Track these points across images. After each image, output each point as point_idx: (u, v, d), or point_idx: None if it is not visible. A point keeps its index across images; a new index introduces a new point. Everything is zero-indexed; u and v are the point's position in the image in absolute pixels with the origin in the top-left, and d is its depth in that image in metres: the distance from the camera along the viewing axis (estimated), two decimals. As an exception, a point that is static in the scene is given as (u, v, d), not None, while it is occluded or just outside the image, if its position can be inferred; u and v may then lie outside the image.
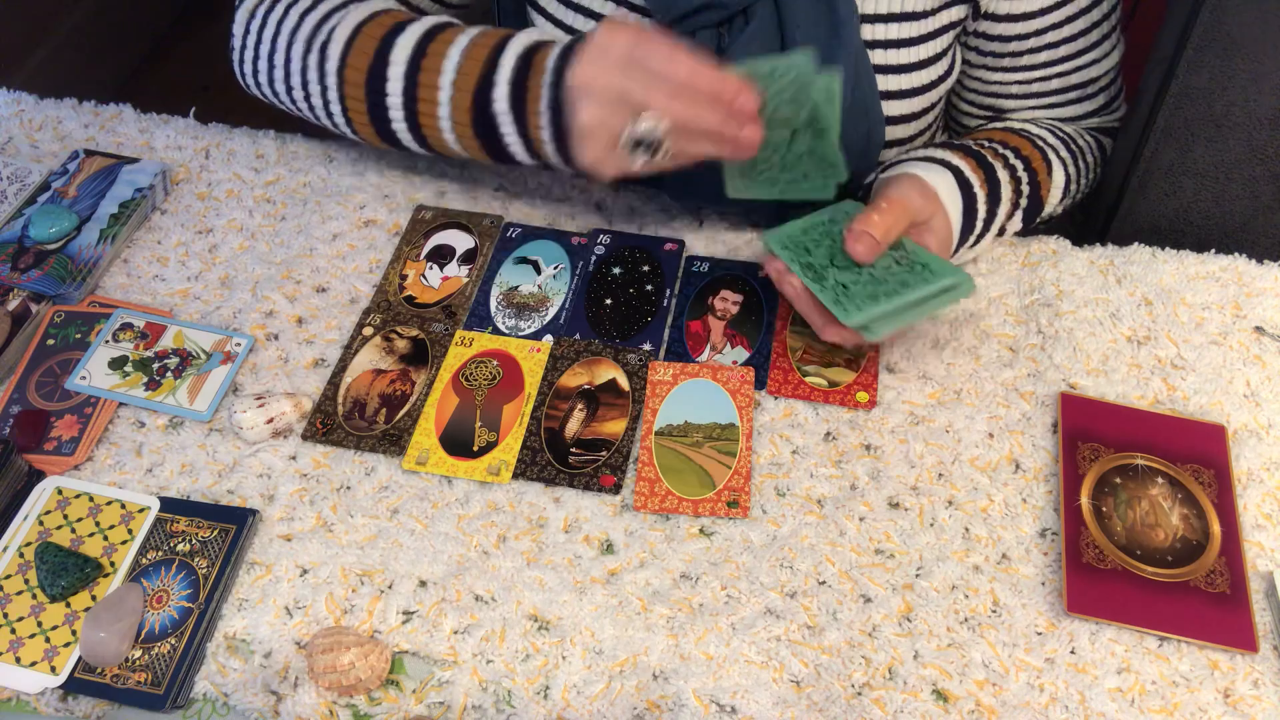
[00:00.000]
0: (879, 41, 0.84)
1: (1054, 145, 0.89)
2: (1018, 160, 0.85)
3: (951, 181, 0.80)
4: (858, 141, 0.86)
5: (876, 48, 0.84)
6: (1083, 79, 0.90)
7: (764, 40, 0.81)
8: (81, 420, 0.79)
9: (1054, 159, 0.88)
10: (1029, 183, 0.86)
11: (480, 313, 0.86)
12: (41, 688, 0.66)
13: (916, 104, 0.87)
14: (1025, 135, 0.88)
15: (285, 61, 0.85)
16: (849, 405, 0.79)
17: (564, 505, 0.74)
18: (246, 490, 0.75)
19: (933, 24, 0.85)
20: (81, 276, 0.86)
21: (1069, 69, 0.89)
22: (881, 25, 0.84)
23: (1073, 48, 0.88)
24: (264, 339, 0.84)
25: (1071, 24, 0.86)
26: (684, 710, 0.65)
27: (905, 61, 0.85)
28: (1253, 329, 0.84)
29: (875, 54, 0.84)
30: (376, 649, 0.66)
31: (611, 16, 0.81)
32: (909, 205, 0.77)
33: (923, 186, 0.78)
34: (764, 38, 0.81)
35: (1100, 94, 0.93)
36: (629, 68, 0.69)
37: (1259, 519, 0.73)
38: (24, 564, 0.71)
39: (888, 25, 0.84)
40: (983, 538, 0.73)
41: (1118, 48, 0.91)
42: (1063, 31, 0.86)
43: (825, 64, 0.81)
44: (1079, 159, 0.91)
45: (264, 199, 0.95)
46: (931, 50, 0.86)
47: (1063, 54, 0.88)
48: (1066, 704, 0.65)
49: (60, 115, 1.02)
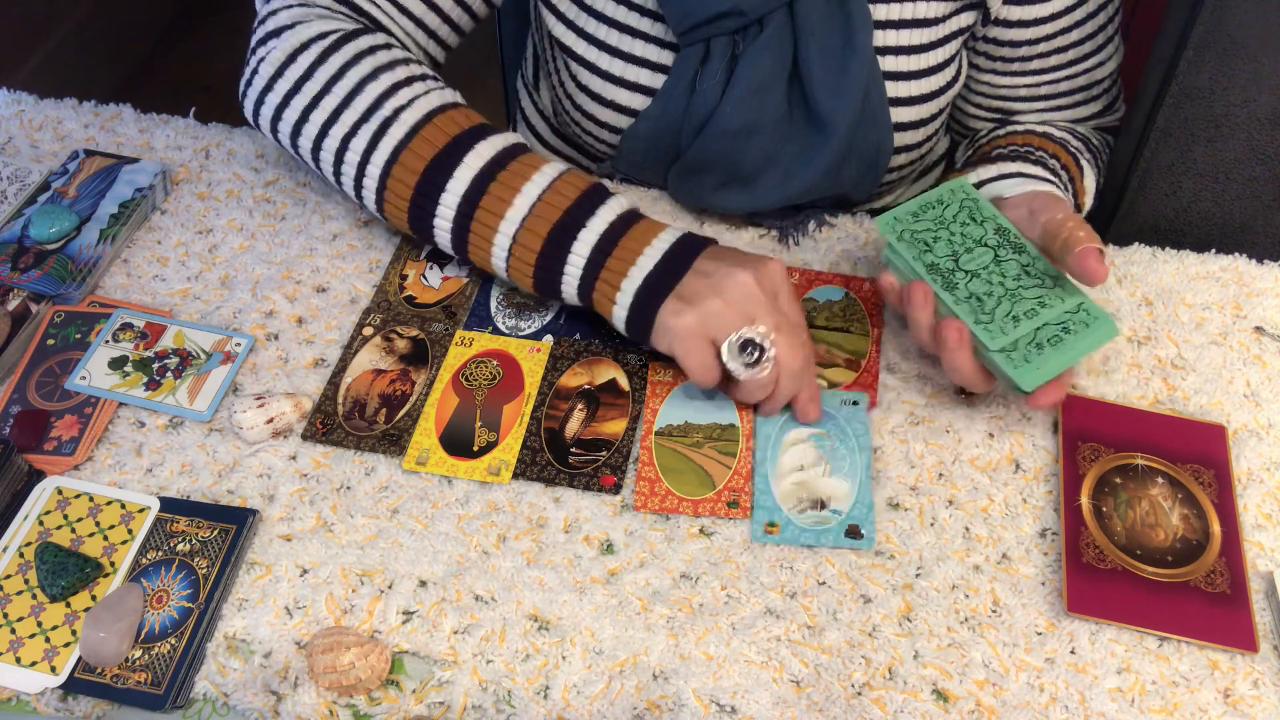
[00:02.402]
0: (889, 48, 0.84)
1: (1078, 147, 0.89)
2: (1064, 173, 0.85)
3: (1069, 202, 0.80)
4: (868, 151, 0.86)
5: (887, 54, 0.84)
6: (1088, 81, 0.90)
7: (778, 48, 0.81)
8: (81, 420, 0.79)
9: (1084, 163, 0.88)
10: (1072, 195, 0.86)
11: (480, 313, 0.86)
12: (41, 688, 0.66)
13: (925, 110, 0.87)
14: (1059, 142, 0.88)
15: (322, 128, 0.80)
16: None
17: (564, 505, 0.74)
18: (246, 490, 0.75)
19: (942, 31, 0.85)
20: (81, 276, 0.86)
21: (1076, 72, 0.89)
22: (893, 32, 0.84)
23: (1080, 51, 0.88)
24: (264, 339, 0.84)
25: (1080, 28, 0.86)
26: (684, 710, 0.65)
27: (915, 68, 0.85)
28: (1253, 329, 0.84)
29: (886, 60, 0.84)
30: (376, 649, 0.66)
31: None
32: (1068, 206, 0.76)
33: (1065, 205, 0.76)
34: (778, 45, 0.81)
35: (1104, 95, 0.93)
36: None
37: (1259, 519, 0.74)
38: (24, 564, 0.71)
39: (899, 32, 0.84)
40: (983, 538, 0.73)
41: (1118, 52, 0.91)
42: (1071, 36, 0.86)
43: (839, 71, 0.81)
44: (1099, 158, 0.91)
45: (264, 199, 0.95)
46: (940, 57, 0.86)
47: (1071, 57, 0.88)
48: (1066, 704, 0.65)
49: (60, 115, 1.02)
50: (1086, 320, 0.72)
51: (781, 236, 0.91)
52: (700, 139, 0.85)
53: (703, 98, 0.84)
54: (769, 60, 0.81)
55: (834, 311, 0.85)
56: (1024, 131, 0.90)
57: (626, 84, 0.87)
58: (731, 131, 0.84)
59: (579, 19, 0.88)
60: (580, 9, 0.88)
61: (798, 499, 0.73)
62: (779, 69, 0.82)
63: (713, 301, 0.71)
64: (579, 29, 0.88)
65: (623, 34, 0.86)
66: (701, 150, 0.86)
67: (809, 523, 0.72)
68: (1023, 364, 0.70)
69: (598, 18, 0.87)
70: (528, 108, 1.10)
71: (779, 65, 0.82)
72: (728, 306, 0.71)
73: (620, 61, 0.87)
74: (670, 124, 0.86)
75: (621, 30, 0.86)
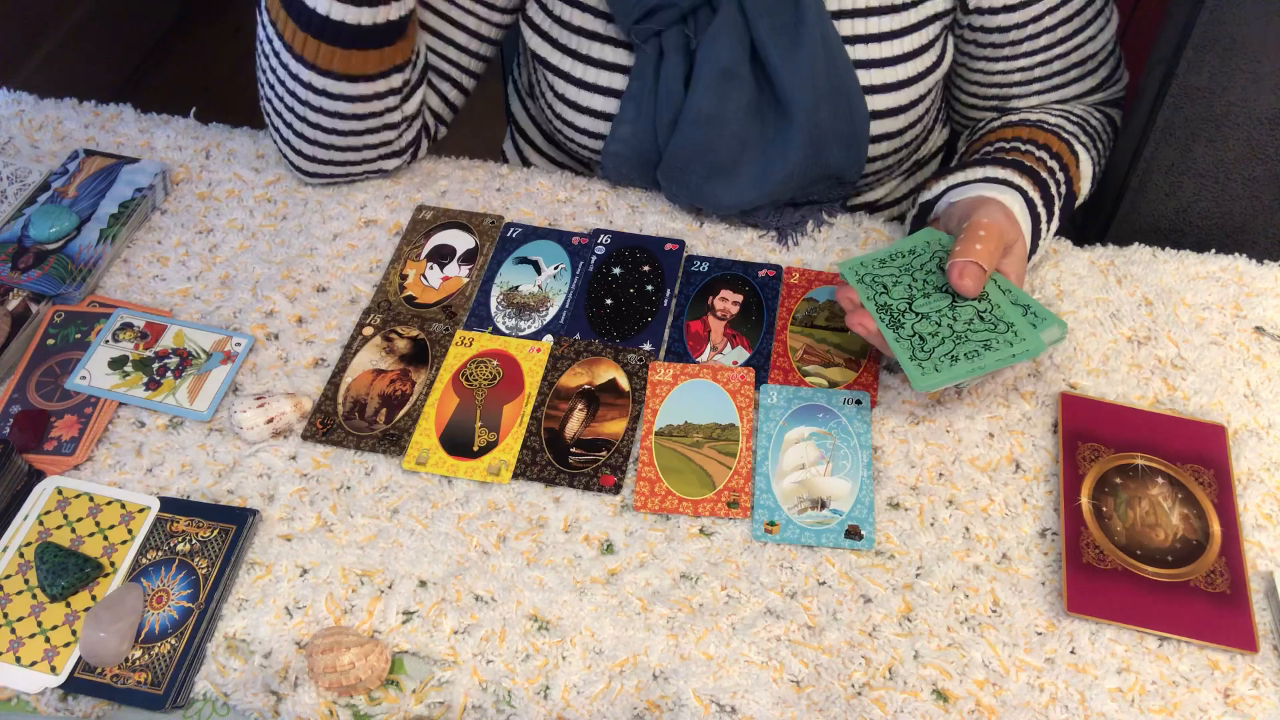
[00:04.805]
0: (858, 36, 0.84)
1: (1073, 133, 0.88)
2: (1055, 163, 0.84)
3: (1022, 204, 0.79)
4: (843, 135, 0.86)
5: (857, 43, 0.84)
6: (1082, 56, 0.90)
7: (733, 32, 0.81)
8: (81, 420, 0.79)
9: (1079, 148, 0.87)
10: (1065, 182, 0.85)
11: (480, 313, 0.86)
12: (41, 688, 0.66)
13: (904, 97, 0.87)
14: (1051, 130, 0.87)
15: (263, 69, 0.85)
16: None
17: (564, 505, 0.74)
18: (246, 490, 0.75)
19: (915, 16, 0.85)
20: (81, 276, 0.86)
21: (1068, 49, 0.89)
22: (861, 20, 0.84)
23: (1069, 28, 0.87)
24: (264, 339, 0.84)
25: (1066, 5, 0.86)
26: (684, 710, 0.65)
27: (888, 55, 0.85)
28: (1253, 329, 0.84)
29: (855, 49, 0.84)
30: (376, 649, 0.66)
31: None
32: (1004, 231, 0.75)
33: (1006, 211, 0.76)
34: (732, 30, 0.81)
35: (1101, 68, 0.92)
36: None
37: (1259, 519, 0.73)
38: (24, 564, 0.71)
39: (867, 20, 0.84)
40: (983, 538, 0.73)
41: (1112, 19, 0.90)
42: (1058, 14, 0.86)
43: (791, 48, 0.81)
44: (1096, 140, 0.90)
45: (264, 199, 0.95)
46: (916, 42, 0.85)
47: (1060, 35, 0.87)
48: (1066, 704, 0.65)
49: (60, 115, 1.02)
50: (1011, 339, 0.72)
51: (781, 237, 0.91)
52: (675, 135, 0.86)
53: (667, 92, 0.84)
54: (727, 45, 0.82)
55: (834, 311, 0.85)
56: (1017, 123, 0.90)
57: (599, 89, 0.88)
58: (701, 122, 0.84)
59: (551, 29, 0.89)
60: (552, 20, 0.89)
61: (798, 499, 0.73)
62: (739, 53, 0.82)
63: None
64: (552, 39, 0.89)
65: (590, 41, 0.88)
66: (678, 146, 0.86)
67: (809, 523, 0.72)
68: (929, 370, 0.71)
69: (565, 27, 0.88)
70: (520, 115, 1.10)
71: (739, 49, 0.82)
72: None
73: (591, 68, 0.88)
74: (645, 125, 0.87)
75: (587, 36, 0.88)
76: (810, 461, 0.75)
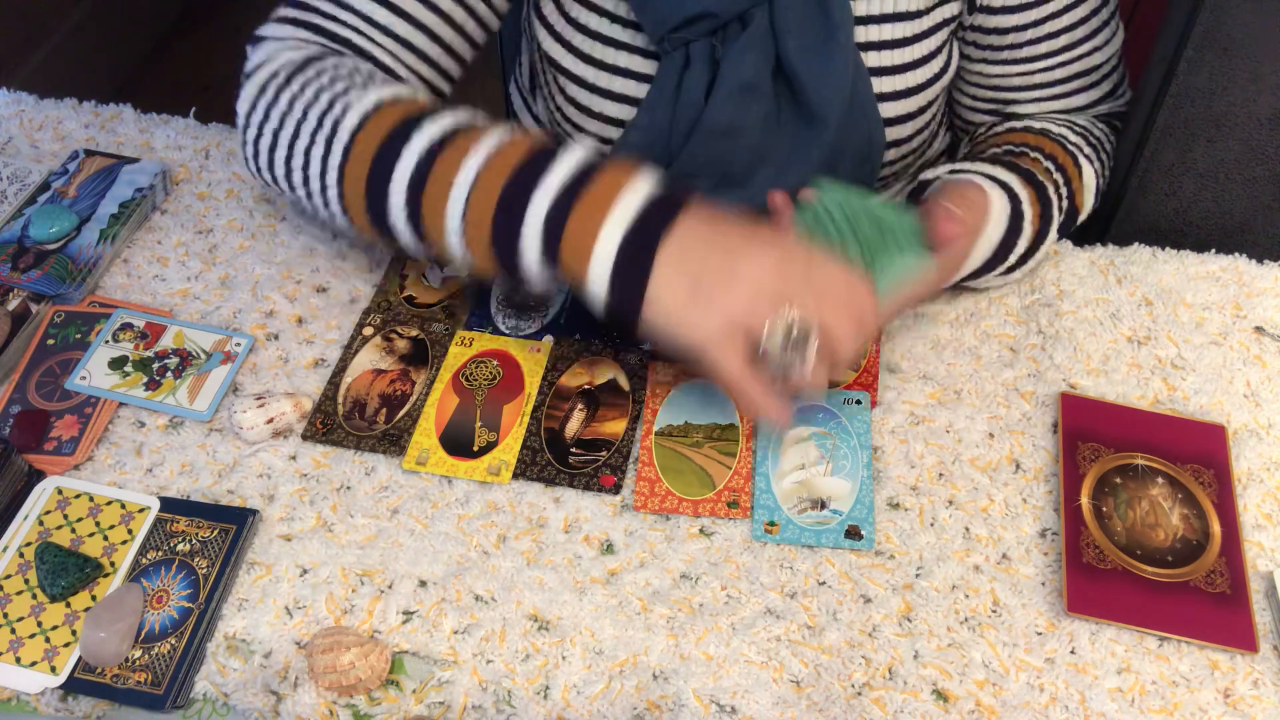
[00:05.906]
0: (873, 43, 0.84)
1: (1077, 144, 0.88)
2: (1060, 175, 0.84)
3: (1005, 210, 0.78)
4: (860, 145, 0.86)
5: (870, 49, 0.84)
6: (1086, 66, 0.89)
7: (759, 48, 0.81)
8: (81, 420, 0.79)
9: (1083, 160, 0.87)
10: (1068, 197, 0.85)
11: (480, 313, 0.86)
12: (41, 688, 0.66)
13: (913, 104, 0.87)
14: (1056, 139, 0.87)
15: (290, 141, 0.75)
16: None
17: (564, 505, 0.74)
18: (246, 490, 0.75)
19: (927, 22, 0.85)
20: (81, 276, 0.86)
21: (1071, 58, 0.88)
22: (875, 26, 0.83)
23: (1073, 36, 0.87)
24: (264, 339, 0.84)
25: (1071, 12, 0.86)
26: (684, 710, 0.65)
27: (900, 62, 0.85)
28: (1253, 329, 0.84)
29: (869, 56, 0.84)
30: (376, 649, 0.66)
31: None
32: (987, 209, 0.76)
33: (986, 202, 0.76)
34: (759, 46, 0.81)
35: (1105, 80, 0.91)
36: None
37: (1259, 519, 0.74)
38: (24, 564, 0.71)
39: (881, 26, 0.84)
40: (983, 538, 0.73)
41: (1118, 33, 0.90)
42: (1061, 20, 0.86)
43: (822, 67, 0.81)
44: (1100, 151, 0.91)
45: (264, 199, 0.95)
46: (926, 49, 0.85)
47: (1063, 43, 0.87)
48: (1066, 704, 0.65)
49: (60, 115, 1.02)
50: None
51: None
52: (688, 144, 0.85)
53: (688, 102, 0.84)
54: (754, 58, 0.81)
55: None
56: (1021, 129, 0.90)
57: (613, 96, 0.88)
58: (718, 133, 0.84)
59: (565, 32, 0.88)
60: (567, 23, 0.88)
61: (798, 499, 0.73)
62: (764, 67, 0.82)
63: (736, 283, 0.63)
64: (566, 43, 0.88)
65: (606, 46, 0.87)
66: (691, 155, 0.86)
67: (809, 523, 0.72)
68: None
69: (582, 31, 0.87)
70: (522, 115, 1.10)
71: (763, 64, 0.82)
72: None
73: (605, 74, 0.87)
74: (659, 133, 0.87)
75: (605, 43, 0.87)
76: (810, 461, 0.75)
